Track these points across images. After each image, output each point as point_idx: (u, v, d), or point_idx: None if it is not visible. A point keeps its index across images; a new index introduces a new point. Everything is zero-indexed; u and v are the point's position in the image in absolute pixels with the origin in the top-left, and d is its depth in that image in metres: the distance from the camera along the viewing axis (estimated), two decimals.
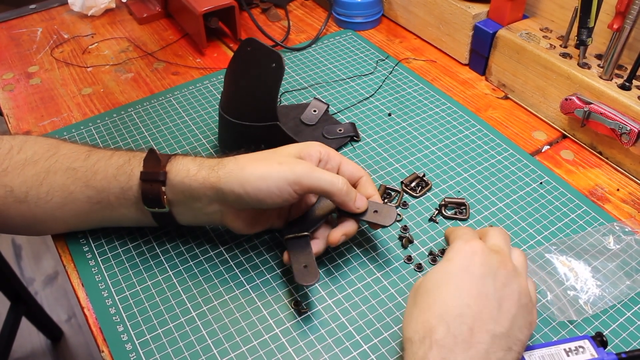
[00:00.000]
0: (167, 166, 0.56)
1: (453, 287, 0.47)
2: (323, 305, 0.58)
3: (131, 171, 0.57)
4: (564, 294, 0.58)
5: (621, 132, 0.69)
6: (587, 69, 0.75)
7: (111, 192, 0.58)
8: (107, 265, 0.62)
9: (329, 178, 0.55)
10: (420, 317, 0.46)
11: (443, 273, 0.48)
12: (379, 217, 0.58)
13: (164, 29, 1.05)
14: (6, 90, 0.90)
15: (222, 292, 0.59)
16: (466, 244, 0.49)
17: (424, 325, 0.45)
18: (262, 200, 0.54)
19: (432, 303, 0.46)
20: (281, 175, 0.53)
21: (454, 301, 0.46)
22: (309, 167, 0.55)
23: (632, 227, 0.65)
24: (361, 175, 0.61)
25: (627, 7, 0.69)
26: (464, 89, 0.89)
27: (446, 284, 0.47)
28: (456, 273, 0.48)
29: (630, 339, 0.55)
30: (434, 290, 0.47)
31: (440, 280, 0.48)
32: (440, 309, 0.46)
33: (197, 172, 0.55)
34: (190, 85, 0.89)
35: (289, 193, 0.54)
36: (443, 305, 0.46)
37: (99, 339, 0.56)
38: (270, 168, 0.54)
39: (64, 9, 1.11)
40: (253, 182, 0.53)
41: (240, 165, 0.55)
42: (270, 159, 0.55)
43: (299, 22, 1.06)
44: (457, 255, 0.49)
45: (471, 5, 0.87)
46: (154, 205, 0.57)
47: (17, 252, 1.93)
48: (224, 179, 0.54)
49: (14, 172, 0.57)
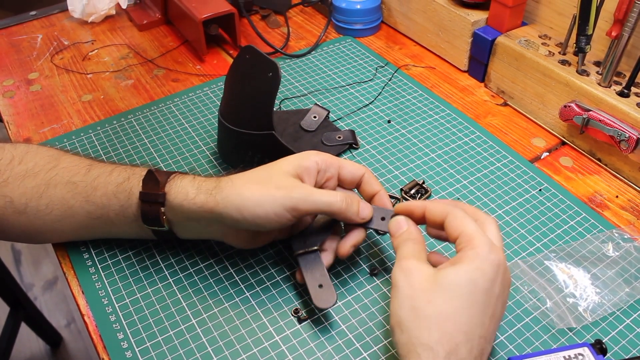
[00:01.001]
0: (167, 187, 0.56)
1: (480, 305, 0.45)
2: (323, 313, 0.58)
3: (130, 190, 0.57)
4: (563, 301, 0.58)
5: (620, 139, 0.69)
6: (585, 76, 0.75)
7: (111, 209, 0.58)
8: (107, 273, 0.62)
9: (326, 200, 0.54)
10: (445, 326, 0.44)
11: (471, 283, 0.45)
12: (386, 225, 0.57)
13: (164, 35, 1.05)
14: (6, 97, 0.90)
15: (222, 299, 0.60)
16: (494, 254, 0.47)
17: (450, 339, 0.44)
18: (261, 224, 0.54)
19: (458, 314, 0.45)
20: (278, 202, 0.53)
21: (477, 319, 0.45)
22: (305, 192, 0.54)
23: (631, 234, 0.65)
24: (363, 173, 0.60)
25: (625, 15, 0.69)
26: (463, 95, 0.89)
27: (473, 298, 0.45)
28: (482, 288, 0.45)
29: (630, 346, 0.55)
30: (461, 300, 0.45)
31: (468, 291, 0.45)
32: (466, 326, 0.44)
33: (195, 196, 0.55)
34: (190, 92, 0.89)
35: (287, 218, 0.53)
36: (469, 322, 0.45)
37: (99, 346, 0.56)
38: (267, 193, 0.53)
39: (64, 15, 1.11)
40: (250, 209, 0.53)
41: (237, 190, 0.54)
42: (267, 183, 0.54)
43: (298, 29, 1.07)
44: (487, 266, 0.46)
45: (470, 13, 0.88)
46: (153, 224, 0.57)
47: (17, 257, 1.93)
48: (222, 204, 0.54)
49: (14, 183, 0.57)
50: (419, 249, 0.51)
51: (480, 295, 0.45)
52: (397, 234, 0.53)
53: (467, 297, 0.45)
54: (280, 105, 0.86)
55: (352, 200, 0.56)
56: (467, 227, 0.49)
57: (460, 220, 0.50)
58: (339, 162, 0.59)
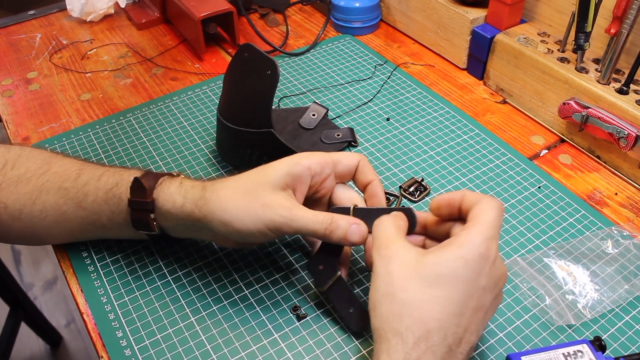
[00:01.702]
0: (155, 193, 0.56)
1: (459, 294, 0.44)
2: (322, 310, 0.58)
3: (119, 197, 0.57)
4: (563, 298, 0.58)
5: (619, 137, 0.69)
6: (584, 74, 0.75)
7: (103, 214, 0.58)
8: (106, 271, 0.62)
9: (310, 225, 0.51)
10: (417, 313, 0.44)
11: (452, 272, 0.44)
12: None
13: (162, 34, 1.05)
14: (5, 96, 0.90)
15: (220, 297, 0.59)
16: (482, 246, 0.45)
17: (420, 325, 0.43)
18: (246, 239, 0.54)
19: (432, 302, 0.44)
20: (261, 222, 0.51)
21: (455, 308, 0.44)
22: (289, 216, 0.51)
23: (630, 231, 0.65)
24: (357, 162, 0.57)
25: (624, 12, 0.69)
26: (462, 93, 0.89)
27: (452, 287, 0.44)
28: (465, 278, 0.44)
29: (629, 343, 0.55)
30: (438, 289, 0.44)
31: (446, 280, 0.44)
32: (440, 314, 0.44)
33: (182, 205, 0.55)
34: (189, 91, 0.89)
35: (270, 237, 0.53)
36: (444, 310, 0.44)
37: (98, 345, 0.56)
38: (252, 211, 0.52)
39: (63, 14, 1.11)
40: (235, 225, 0.52)
41: (222, 205, 0.53)
42: (252, 196, 0.52)
43: (297, 27, 1.07)
44: (471, 257, 0.45)
45: (469, 10, 0.88)
46: (145, 229, 0.58)
47: (16, 257, 1.93)
48: (209, 218, 0.53)
49: (8, 189, 0.58)
50: (396, 229, 0.50)
51: (461, 285, 0.44)
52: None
53: (445, 285, 0.44)
54: (279, 103, 0.86)
55: (337, 226, 0.52)
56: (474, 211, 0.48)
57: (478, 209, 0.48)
58: (333, 158, 0.57)
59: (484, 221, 0.47)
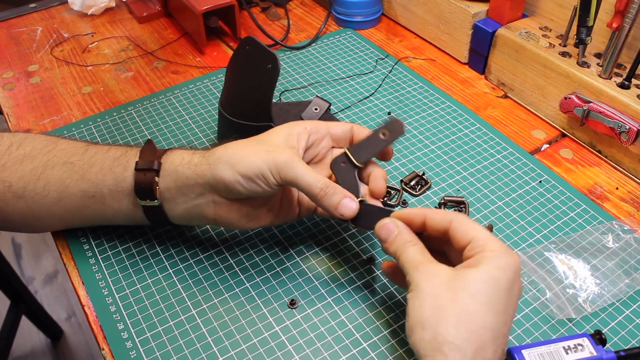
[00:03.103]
0: (163, 158, 0.58)
1: (503, 303, 0.45)
2: (323, 303, 0.58)
3: (127, 162, 0.58)
4: (563, 292, 0.58)
5: (620, 131, 0.69)
6: (586, 68, 0.75)
7: (105, 185, 0.58)
8: (108, 264, 0.62)
9: (307, 179, 0.53)
10: (472, 324, 0.44)
11: (494, 281, 0.45)
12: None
13: (163, 27, 1.05)
14: (6, 89, 0.90)
15: (221, 290, 0.60)
16: (512, 256, 0.47)
17: (477, 337, 0.43)
18: (249, 184, 0.54)
19: (484, 312, 0.44)
20: (264, 163, 0.53)
21: (502, 317, 0.45)
22: (291, 160, 0.54)
23: (631, 226, 0.65)
24: (350, 127, 0.60)
25: (626, 6, 0.69)
26: (463, 87, 0.89)
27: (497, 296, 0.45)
28: (505, 287, 0.45)
29: (629, 337, 0.55)
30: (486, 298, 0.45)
31: (492, 289, 0.45)
32: (492, 324, 0.44)
33: (189, 160, 0.56)
34: (190, 84, 0.89)
35: (271, 181, 0.54)
36: (495, 320, 0.44)
37: (99, 337, 0.56)
38: (257, 155, 0.54)
39: (64, 7, 1.11)
40: (240, 168, 0.54)
41: (230, 153, 0.55)
42: (257, 147, 0.55)
43: (298, 21, 1.07)
44: (508, 266, 0.46)
45: (471, 4, 0.88)
46: (145, 196, 0.57)
47: (17, 251, 1.94)
48: (214, 165, 0.55)
49: (13, 167, 0.58)
50: (421, 249, 0.50)
51: (503, 294, 0.45)
52: (389, 239, 0.52)
53: (491, 295, 0.45)
54: (280, 97, 0.86)
55: (334, 192, 0.54)
56: (480, 232, 0.48)
57: (470, 225, 0.49)
58: (327, 124, 0.60)
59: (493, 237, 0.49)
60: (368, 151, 0.57)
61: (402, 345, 0.55)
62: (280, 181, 0.54)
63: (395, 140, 0.57)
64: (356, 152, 0.57)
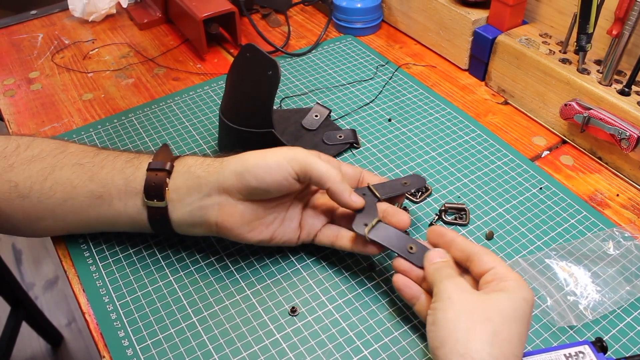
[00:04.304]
0: (177, 161, 0.59)
1: (524, 332, 0.48)
2: (324, 310, 0.58)
3: (139, 164, 0.59)
4: (564, 300, 0.58)
5: (620, 138, 0.69)
6: (586, 75, 0.75)
7: (114, 185, 0.58)
8: (108, 271, 0.62)
9: (324, 165, 0.56)
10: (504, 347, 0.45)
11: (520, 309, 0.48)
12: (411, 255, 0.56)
13: (164, 34, 1.05)
14: (7, 96, 0.90)
15: (222, 297, 0.60)
16: (530, 292, 0.50)
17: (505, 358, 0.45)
18: (262, 178, 0.55)
19: (513, 337, 0.46)
20: (280, 155, 0.56)
21: (522, 344, 0.47)
22: (305, 152, 0.57)
23: (631, 233, 0.65)
24: (361, 171, 0.64)
25: (626, 13, 0.69)
26: (463, 94, 0.89)
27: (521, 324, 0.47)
28: (526, 316, 0.48)
29: (630, 345, 0.55)
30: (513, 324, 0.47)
31: (518, 317, 0.47)
32: (517, 350, 0.46)
33: (203, 161, 0.59)
34: (191, 91, 0.89)
35: (287, 171, 0.55)
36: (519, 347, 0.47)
37: (100, 344, 0.56)
38: (269, 152, 0.57)
39: (65, 14, 1.11)
40: (252, 161, 0.56)
41: (244, 156, 0.57)
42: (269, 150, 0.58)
43: (299, 28, 1.07)
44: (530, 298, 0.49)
45: (471, 11, 0.88)
46: (153, 196, 0.57)
47: (18, 256, 1.93)
48: (226, 162, 0.57)
49: (20, 167, 0.58)
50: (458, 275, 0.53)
51: (524, 323, 0.48)
52: (434, 261, 0.54)
53: (520, 323, 0.47)
54: (280, 104, 0.86)
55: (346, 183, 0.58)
56: (501, 263, 0.52)
57: (493, 257, 0.52)
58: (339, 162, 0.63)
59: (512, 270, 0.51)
60: (389, 190, 0.62)
61: (403, 352, 0.55)
62: (299, 171, 0.56)
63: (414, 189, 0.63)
64: (378, 188, 0.61)
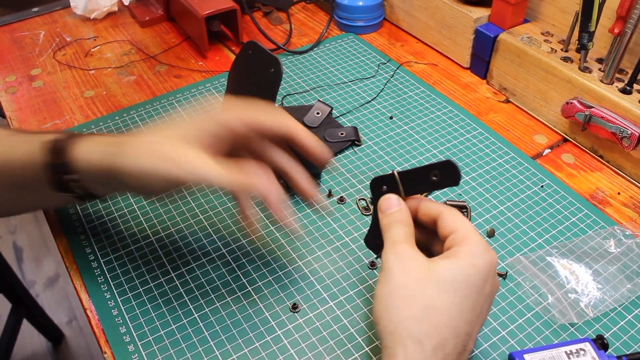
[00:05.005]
0: (69, 154, 0.54)
1: (470, 301, 0.45)
2: (325, 307, 0.59)
3: (35, 166, 0.55)
4: (565, 297, 0.58)
5: (622, 136, 0.69)
6: (588, 73, 0.75)
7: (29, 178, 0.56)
8: (110, 267, 0.62)
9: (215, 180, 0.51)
10: (436, 320, 0.44)
11: (466, 279, 0.45)
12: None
13: (166, 32, 1.05)
14: (9, 93, 0.90)
15: (224, 293, 0.60)
16: (489, 254, 0.46)
17: (439, 333, 0.43)
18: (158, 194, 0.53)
19: (450, 309, 0.44)
20: (165, 179, 0.51)
21: (467, 316, 0.45)
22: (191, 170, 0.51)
23: (632, 231, 0.65)
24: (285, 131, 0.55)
25: (628, 12, 0.69)
26: (465, 92, 0.89)
27: (466, 294, 0.45)
28: (476, 285, 0.45)
29: (631, 342, 0.55)
30: (454, 295, 0.44)
31: (462, 287, 0.45)
32: (456, 321, 0.44)
33: (98, 161, 0.53)
34: (193, 88, 0.89)
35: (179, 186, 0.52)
36: (459, 317, 0.44)
37: (101, 341, 0.56)
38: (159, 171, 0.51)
39: (67, 12, 1.11)
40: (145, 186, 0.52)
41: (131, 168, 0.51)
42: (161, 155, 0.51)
43: (300, 26, 1.07)
44: (482, 265, 0.46)
45: (472, 10, 0.88)
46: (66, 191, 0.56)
47: (18, 255, 1.94)
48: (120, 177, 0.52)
49: None
50: (410, 233, 0.49)
51: (473, 293, 0.45)
52: (387, 212, 0.51)
53: (460, 292, 0.45)
54: (282, 101, 0.86)
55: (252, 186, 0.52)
56: (464, 225, 0.48)
57: (457, 217, 0.49)
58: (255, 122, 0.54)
59: (476, 231, 0.48)
60: (417, 188, 0.51)
61: None
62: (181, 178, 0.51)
63: (444, 188, 0.52)
64: (405, 182, 0.51)
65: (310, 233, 0.66)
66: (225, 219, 0.67)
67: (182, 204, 0.69)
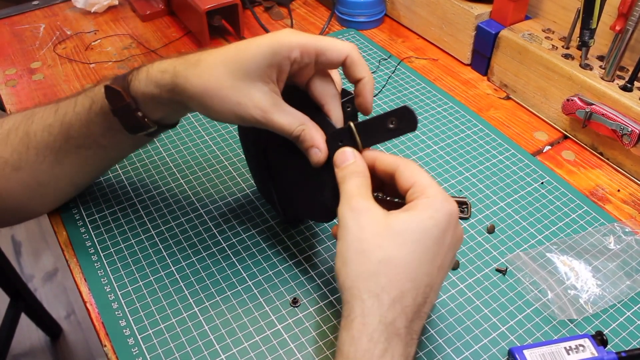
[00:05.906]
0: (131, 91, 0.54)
1: (430, 253, 0.44)
2: (325, 301, 0.59)
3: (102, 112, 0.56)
4: (565, 293, 0.58)
5: (622, 133, 0.69)
6: (589, 70, 0.75)
7: (93, 136, 0.58)
8: (110, 260, 0.62)
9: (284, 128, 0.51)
10: (393, 273, 0.43)
11: (423, 231, 0.44)
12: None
13: (166, 26, 1.05)
14: (9, 86, 0.90)
15: (224, 287, 0.60)
16: (448, 204, 0.46)
17: (396, 286, 0.43)
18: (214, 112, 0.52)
19: (407, 261, 0.44)
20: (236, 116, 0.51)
21: (426, 267, 0.44)
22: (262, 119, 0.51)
23: (632, 228, 0.66)
24: (345, 56, 0.52)
25: (629, 9, 0.69)
26: (466, 88, 0.89)
27: (424, 246, 0.44)
28: (434, 237, 0.45)
29: (630, 338, 0.56)
30: (411, 247, 0.44)
31: (419, 238, 0.44)
32: (414, 273, 0.44)
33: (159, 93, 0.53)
34: None
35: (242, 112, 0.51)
36: (417, 269, 0.44)
37: (101, 334, 0.56)
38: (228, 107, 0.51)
39: (67, 5, 1.11)
40: (212, 115, 0.52)
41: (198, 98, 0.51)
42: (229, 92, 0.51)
43: (301, 21, 1.07)
44: (440, 216, 0.45)
45: (474, 6, 0.88)
46: (140, 129, 0.56)
47: (17, 248, 1.93)
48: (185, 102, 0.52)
49: (1, 144, 0.59)
50: (366, 184, 0.49)
51: (431, 244, 0.45)
52: (342, 165, 0.50)
53: (418, 244, 0.44)
54: None
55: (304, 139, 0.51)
56: (422, 177, 0.47)
57: (414, 170, 0.48)
58: (318, 47, 0.51)
59: (435, 183, 0.47)
60: (374, 137, 0.51)
61: None
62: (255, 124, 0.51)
63: (403, 134, 0.51)
64: (362, 133, 0.51)
65: (310, 227, 0.66)
66: (225, 214, 0.67)
67: (182, 198, 0.69)
